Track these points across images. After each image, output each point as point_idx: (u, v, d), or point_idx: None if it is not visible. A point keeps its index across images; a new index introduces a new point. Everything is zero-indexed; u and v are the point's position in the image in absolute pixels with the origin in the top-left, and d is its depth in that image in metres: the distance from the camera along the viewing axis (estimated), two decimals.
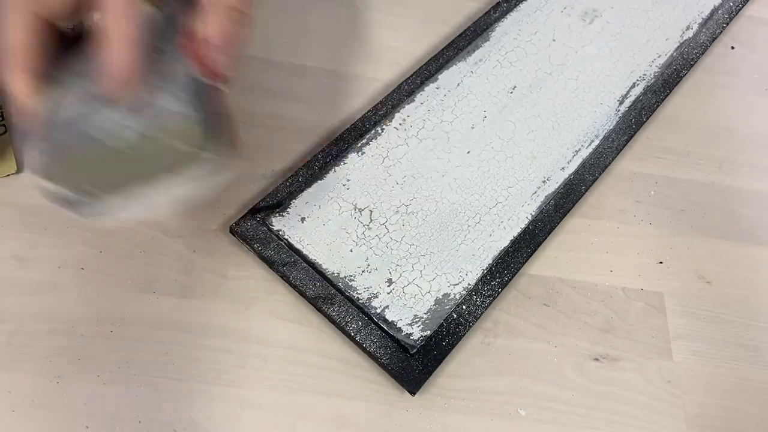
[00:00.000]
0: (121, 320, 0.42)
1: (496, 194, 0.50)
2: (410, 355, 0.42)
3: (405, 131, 0.52)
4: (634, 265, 0.50)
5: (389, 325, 0.43)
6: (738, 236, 0.52)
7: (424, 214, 0.48)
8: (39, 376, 0.39)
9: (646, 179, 0.54)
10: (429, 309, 0.44)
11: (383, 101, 0.53)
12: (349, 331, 0.42)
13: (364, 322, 0.43)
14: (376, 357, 0.42)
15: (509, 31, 0.59)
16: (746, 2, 0.66)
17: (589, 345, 0.46)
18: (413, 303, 0.44)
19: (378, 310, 0.44)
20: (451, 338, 0.43)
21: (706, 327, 0.48)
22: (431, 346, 0.43)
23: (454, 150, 0.51)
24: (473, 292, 0.45)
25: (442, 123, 0.53)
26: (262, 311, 0.44)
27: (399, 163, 0.50)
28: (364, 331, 0.43)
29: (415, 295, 0.45)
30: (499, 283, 0.46)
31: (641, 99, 0.57)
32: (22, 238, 0.44)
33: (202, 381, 0.41)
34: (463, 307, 0.45)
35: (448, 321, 0.44)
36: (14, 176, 0.46)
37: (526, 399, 0.43)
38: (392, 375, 0.42)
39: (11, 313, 0.41)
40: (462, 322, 0.44)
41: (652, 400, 0.44)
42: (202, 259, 0.45)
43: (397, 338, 0.43)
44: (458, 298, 0.45)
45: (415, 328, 0.43)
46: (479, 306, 0.45)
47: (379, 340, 0.42)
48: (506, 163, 0.51)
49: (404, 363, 0.42)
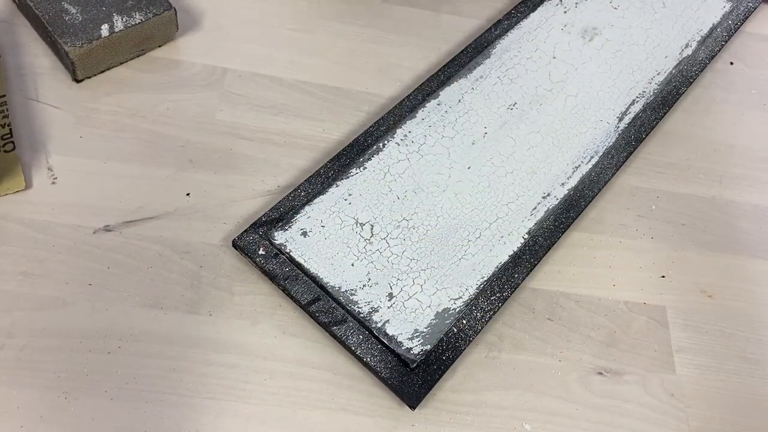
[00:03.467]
0: (129, 336, 0.42)
1: (497, 209, 0.50)
2: (410, 369, 0.42)
3: (406, 147, 0.52)
4: (637, 279, 0.50)
5: (390, 340, 0.43)
6: (739, 250, 0.53)
7: (425, 228, 0.48)
8: (47, 392, 0.40)
9: (647, 194, 0.55)
10: (429, 323, 0.44)
11: (385, 117, 0.54)
12: (349, 345, 0.43)
13: (364, 336, 0.43)
14: (377, 371, 0.42)
15: (510, 48, 0.60)
16: (745, 20, 0.66)
17: (593, 359, 0.46)
18: (414, 317, 0.45)
19: (379, 325, 0.44)
20: (451, 352, 0.44)
21: (709, 340, 0.48)
22: (431, 361, 0.43)
23: (455, 165, 0.52)
24: (473, 306, 0.46)
25: (443, 139, 0.53)
26: (268, 327, 0.44)
27: (400, 178, 0.51)
28: (364, 345, 0.43)
29: (415, 309, 0.45)
30: (499, 297, 0.46)
31: (641, 116, 0.57)
32: (30, 255, 0.44)
33: (209, 397, 0.41)
34: (464, 321, 0.45)
35: (448, 335, 0.44)
36: (23, 192, 0.46)
37: (530, 413, 0.43)
38: (392, 389, 0.42)
39: (20, 329, 0.41)
40: (462, 337, 0.44)
41: (656, 413, 0.44)
42: (208, 275, 0.45)
43: (398, 352, 0.43)
44: (458, 313, 0.45)
45: (416, 342, 0.44)
46: (479, 320, 0.45)
47: (380, 354, 0.43)
48: (506, 179, 0.52)
49: (404, 377, 0.42)
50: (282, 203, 0.48)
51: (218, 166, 0.50)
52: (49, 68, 0.52)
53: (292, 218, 0.47)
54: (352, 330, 0.43)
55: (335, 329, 0.43)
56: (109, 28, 0.51)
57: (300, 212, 0.48)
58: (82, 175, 0.48)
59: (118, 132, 0.50)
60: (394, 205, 0.49)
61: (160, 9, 0.53)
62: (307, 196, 0.49)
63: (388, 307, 0.45)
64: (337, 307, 0.44)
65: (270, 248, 0.46)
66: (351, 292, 0.45)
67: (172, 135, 0.51)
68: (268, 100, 0.54)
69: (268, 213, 0.47)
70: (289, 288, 0.44)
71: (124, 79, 0.53)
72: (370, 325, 0.44)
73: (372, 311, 0.44)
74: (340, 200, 0.49)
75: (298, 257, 0.46)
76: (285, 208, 0.48)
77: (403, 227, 0.48)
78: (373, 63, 0.58)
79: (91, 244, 0.45)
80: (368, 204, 0.49)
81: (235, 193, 0.49)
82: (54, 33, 0.50)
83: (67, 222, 0.46)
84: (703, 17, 0.65)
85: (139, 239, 0.46)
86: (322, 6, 0.61)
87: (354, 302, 0.44)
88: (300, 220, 0.47)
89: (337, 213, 0.48)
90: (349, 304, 0.44)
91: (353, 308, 0.44)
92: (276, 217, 0.47)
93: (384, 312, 0.44)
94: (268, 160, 0.51)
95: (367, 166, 0.51)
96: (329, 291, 0.45)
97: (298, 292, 0.44)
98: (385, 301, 0.45)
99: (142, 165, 0.49)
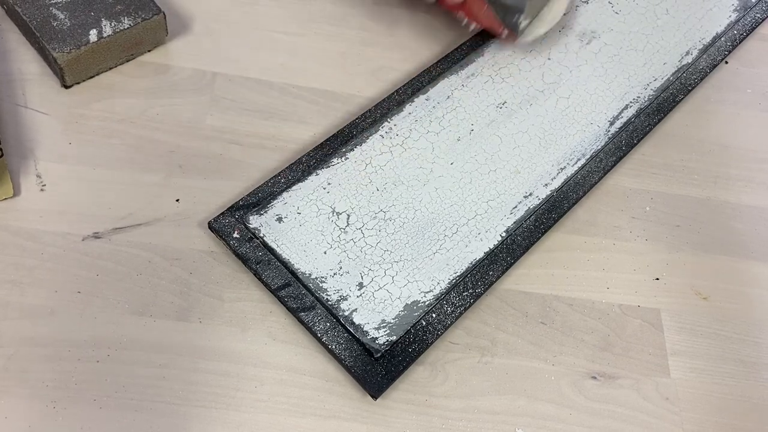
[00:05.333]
0: (118, 344, 0.42)
1: (476, 206, 0.50)
2: (375, 359, 0.42)
3: (390, 139, 0.52)
4: (631, 282, 0.50)
5: (356, 328, 0.43)
6: (733, 251, 0.52)
7: (402, 221, 0.48)
8: (35, 401, 0.39)
9: (641, 195, 0.54)
10: (397, 315, 0.44)
11: (372, 110, 0.53)
12: (316, 331, 0.43)
13: (332, 323, 0.43)
14: (341, 359, 0.42)
15: (504, 48, 0.59)
16: (751, 31, 0.65)
17: (587, 363, 0.46)
18: (382, 308, 0.44)
19: (346, 313, 0.44)
20: (418, 345, 0.43)
21: (704, 343, 0.48)
22: (397, 352, 0.43)
23: (438, 161, 0.52)
24: (444, 301, 0.45)
25: (428, 134, 0.53)
26: (259, 333, 0.44)
27: (381, 170, 0.50)
28: (331, 332, 0.43)
29: (384, 300, 0.45)
30: (471, 294, 0.46)
31: (633, 121, 0.57)
32: (18, 263, 0.44)
33: (199, 404, 0.41)
34: (433, 315, 0.45)
35: (416, 328, 0.44)
36: (11, 200, 0.46)
37: (523, 418, 0.43)
38: (355, 378, 0.42)
39: (8, 338, 0.41)
40: (430, 330, 0.44)
41: (651, 417, 0.44)
42: (198, 282, 0.45)
43: (363, 341, 0.43)
44: (428, 306, 0.45)
45: (382, 332, 0.43)
46: (449, 315, 0.45)
47: (345, 342, 0.43)
48: (489, 177, 0.52)
49: (368, 366, 0.42)
50: (261, 188, 0.48)
51: (208, 172, 0.50)
52: (37, 74, 0.52)
53: (268, 203, 0.47)
54: (319, 317, 0.43)
55: (303, 315, 0.43)
56: (97, 34, 0.50)
57: (277, 198, 0.48)
58: (71, 182, 0.47)
59: (107, 138, 0.50)
60: (373, 196, 0.49)
61: (149, 14, 0.52)
62: (286, 182, 0.49)
63: (358, 296, 0.45)
64: (306, 294, 0.44)
65: (245, 232, 0.46)
66: (321, 279, 0.45)
67: (162, 140, 0.51)
68: (259, 105, 0.54)
69: (245, 197, 0.47)
70: (260, 272, 0.44)
71: (113, 84, 0.53)
72: (338, 313, 0.44)
73: (341, 299, 0.44)
74: (318, 188, 0.49)
75: (271, 242, 0.46)
76: (263, 193, 0.48)
77: (380, 218, 0.48)
78: (365, 66, 0.58)
79: (80, 252, 0.45)
80: (347, 194, 0.49)
81: (225, 199, 0.49)
82: (42, 39, 0.50)
83: (55, 229, 0.45)
84: (707, 26, 0.64)
85: (129, 246, 0.45)
86: (313, 9, 0.60)
87: (323, 290, 0.45)
88: (276, 206, 0.47)
89: (314, 201, 0.48)
90: (318, 291, 0.44)
91: (322, 295, 0.44)
92: (254, 201, 0.47)
93: (353, 301, 0.44)
94: (258, 165, 0.51)
95: (349, 157, 0.51)
96: (299, 277, 0.45)
97: (269, 276, 0.44)
98: (354, 290, 0.45)
99: (131, 171, 0.49)
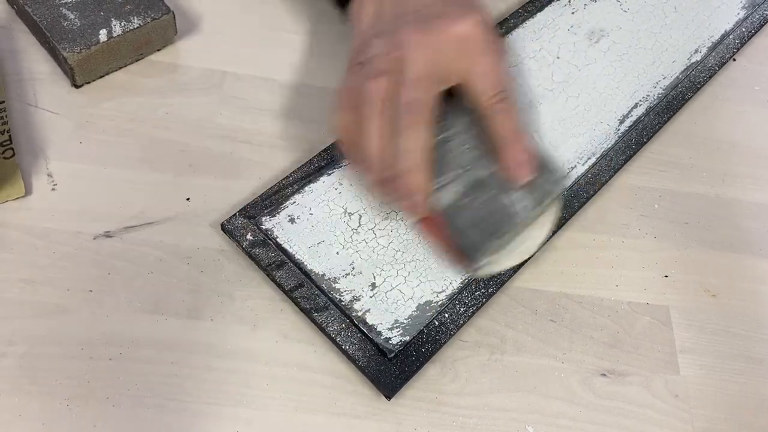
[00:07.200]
0: (130, 342, 0.42)
1: None
2: (388, 359, 0.43)
3: None
4: (640, 279, 0.50)
5: (369, 329, 0.43)
6: (742, 249, 0.52)
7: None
8: (48, 399, 0.40)
9: (649, 193, 0.54)
10: (410, 315, 0.45)
11: None
12: (329, 332, 0.43)
13: (345, 324, 0.43)
14: (355, 359, 0.42)
15: (513, 47, 0.59)
16: (760, 29, 0.65)
17: (596, 360, 0.46)
18: (395, 308, 0.45)
19: (359, 313, 0.44)
20: (431, 345, 0.44)
21: (713, 340, 0.48)
22: (410, 352, 0.43)
23: None
24: (456, 301, 0.45)
25: None
26: (270, 331, 0.44)
27: None
28: (344, 333, 0.43)
29: (397, 300, 0.45)
30: (484, 293, 0.46)
31: (642, 119, 0.57)
32: (30, 262, 0.44)
33: (210, 402, 0.41)
34: (445, 315, 0.45)
35: (428, 328, 0.44)
36: (22, 199, 0.46)
37: (534, 416, 0.43)
38: (369, 378, 0.42)
39: (21, 336, 0.41)
40: (443, 330, 0.44)
41: (660, 414, 0.44)
42: (209, 280, 0.45)
43: (376, 342, 0.43)
44: (440, 306, 0.45)
45: (395, 332, 0.44)
46: (461, 315, 0.45)
47: (359, 342, 0.43)
48: None
49: (381, 367, 0.42)
50: (272, 190, 0.48)
51: (219, 171, 0.50)
52: (48, 74, 0.52)
53: (281, 204, 0.48)
54: (333, 317, 0.43)
55: (316, 316, 0.43)
56: (107, 33, 0.51)
57: (290, 199, 0.48)
58: (82, 181, 0.48)
59: (117, 137, 0.50)
60: None
61: (158, 13, 0.53)
62: (298, 183, 0.49)
63: (370, 296, 0.45)
64: (319, 294, 0.44)
65: (258, 233, 0.46)
66: (334, 280, 0.45)
67: (172, 139, 0.51)
68: (269, 104, 0.54)
69: (257, 199, 0.48)
70: (274, 274, 0.45)
71: (123, 83, 0.53)
72: (351, 313, 0.44)
73: (354, 300, 0.44)
74: (330, 189, 0.49)
75: (284, 243, 0.46)
76: (275, 194, 0.48)
77: (392, 218, 0.48)
78: None
79: (92, 250, 0.45)
80: (358, 194, 0.49)
81: (235, 198, 0.49)
82: (52, 39, 0.50)
83: (67, 228, 0.46)
84: (715, 24, 0.64)
85: (140, 245, 0.46)
86: (323, 8, 0.60)
87: (336, 290, 0.45)
88: (289, 207, 0.48)
89: (326, 202, 0.48)
90: (331, 292, 0.45)
91: (335, 296, 0.44)
92: (266, 203, 0.47)
93: (365, 301, 0.45)
94: (268, 164, 0.51)
95: None
96: (312, 278, 0.45)
97: (282, 277, 0.44)
98: (367, 291, 0.45)
99: (142, 170, 0.49)
